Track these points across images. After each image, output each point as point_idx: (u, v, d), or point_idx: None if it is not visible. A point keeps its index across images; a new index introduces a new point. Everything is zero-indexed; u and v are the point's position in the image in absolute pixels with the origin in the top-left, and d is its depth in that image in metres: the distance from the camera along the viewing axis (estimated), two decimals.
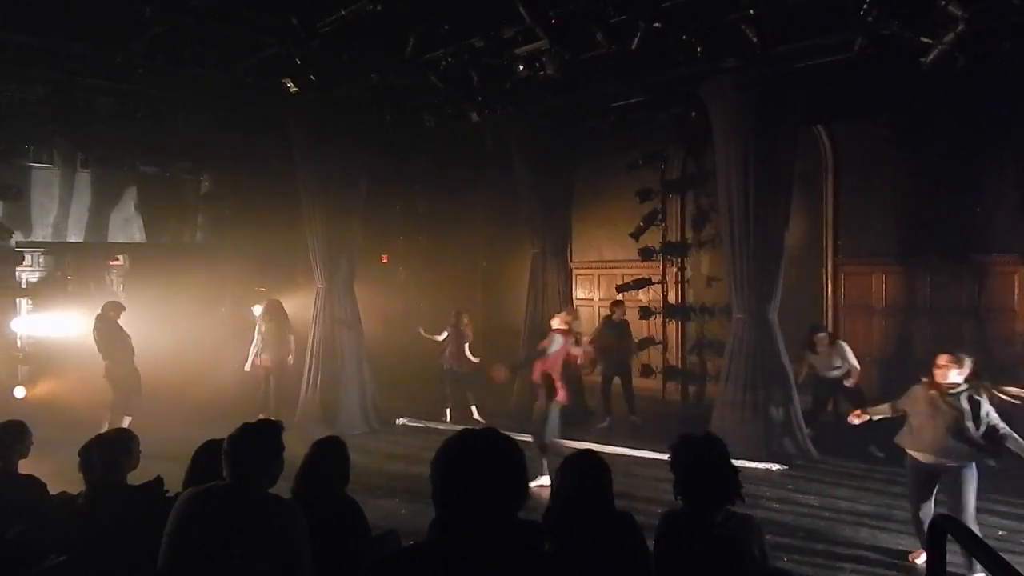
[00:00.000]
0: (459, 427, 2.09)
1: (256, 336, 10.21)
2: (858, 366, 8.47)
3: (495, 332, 14.22)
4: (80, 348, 9.01)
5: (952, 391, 5.09)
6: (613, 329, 10.28)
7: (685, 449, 3.27)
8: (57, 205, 11.60)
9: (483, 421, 10.07)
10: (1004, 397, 5.31)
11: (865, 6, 6.08)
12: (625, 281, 12.08)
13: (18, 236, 10.96)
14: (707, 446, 3.25)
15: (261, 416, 8.69)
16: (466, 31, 7.27)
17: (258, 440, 3.07)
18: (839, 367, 8.50)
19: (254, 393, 10.25)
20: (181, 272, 11.79)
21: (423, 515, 1.94)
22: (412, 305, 13.51)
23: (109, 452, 3.67)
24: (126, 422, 8.35)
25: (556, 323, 7.80)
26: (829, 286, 10.62)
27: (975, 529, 4.80)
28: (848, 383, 8.41)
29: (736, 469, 3.24)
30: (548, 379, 7.47)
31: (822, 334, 8.72)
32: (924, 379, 5.28)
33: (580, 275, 13.13)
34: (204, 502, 2.96)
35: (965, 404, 5.03)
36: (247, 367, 10.20)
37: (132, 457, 3.79)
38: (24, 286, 11.04)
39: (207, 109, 9.95)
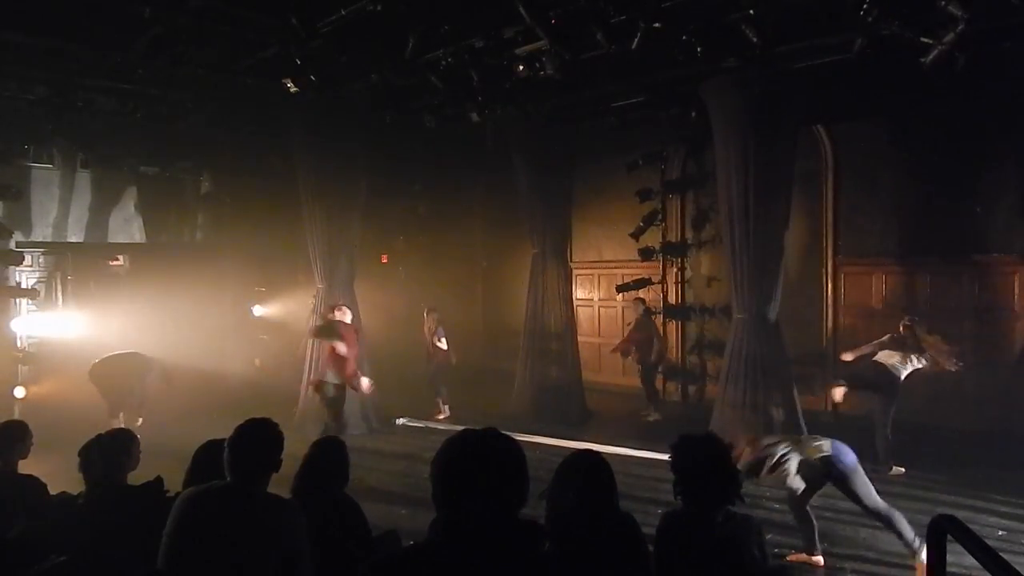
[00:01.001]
0: (459, 427, 2.09)
1: None
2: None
3: (495, 332, 14.24)
4: (80, 348, 9.00)
5: None
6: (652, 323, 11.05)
7: (685, 449, 3.27)
8: (57, 205, 11.58)
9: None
10: None
11: (865, 6, 6.07)
12: (625, 281, 12.08)
13: (18, 236, 10.93)
14: (707, 446, 3.26)
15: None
16: (466, 31, 7.26)
17: (257, 439, 3.07)
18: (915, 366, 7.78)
19: (254, 392, 10.25)
20: (181, 272, 11.77)
21: (423, 515, 1.94)
22: (412, 305, 13.51)
23: (109, 452, 3.67)
24: (138, 421, 8.44)
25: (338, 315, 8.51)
26: (829, 286, 10.61)
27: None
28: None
29: (736, 469, 3.25)
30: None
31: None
32: None
33: (580, 275, 13.11)
34: (204, 502, 2.96)
35: None
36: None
37: (132, 457, 3.80)
38: (24, 286, 11.03)
39: (207, 109, 9.94)
